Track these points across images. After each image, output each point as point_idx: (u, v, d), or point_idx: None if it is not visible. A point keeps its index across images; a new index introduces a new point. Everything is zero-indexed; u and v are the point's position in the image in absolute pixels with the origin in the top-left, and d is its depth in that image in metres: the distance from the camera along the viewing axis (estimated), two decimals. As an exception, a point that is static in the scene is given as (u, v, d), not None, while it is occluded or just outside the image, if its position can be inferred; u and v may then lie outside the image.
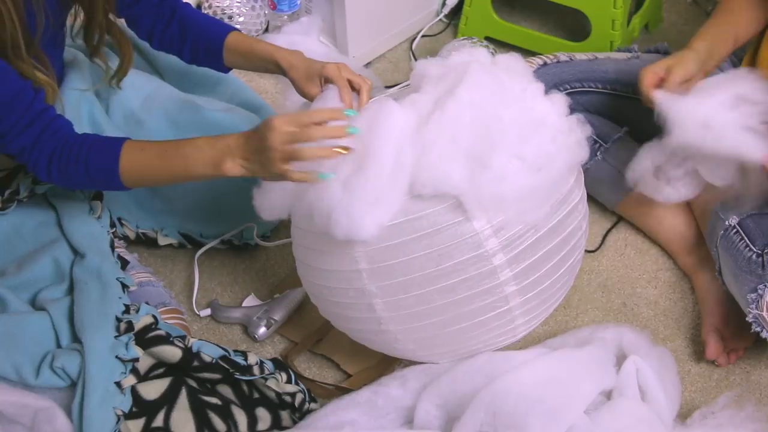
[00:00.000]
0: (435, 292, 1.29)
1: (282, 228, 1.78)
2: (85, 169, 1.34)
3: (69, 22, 1.53)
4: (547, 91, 1.36)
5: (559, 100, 1.34)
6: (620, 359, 1.44)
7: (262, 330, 1.61)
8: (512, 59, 1.40)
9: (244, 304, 1.68)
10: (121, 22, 1.59)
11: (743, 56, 1.70)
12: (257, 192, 1.37)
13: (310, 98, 1.42)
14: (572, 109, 1.73)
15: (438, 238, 1.27)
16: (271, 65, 1.51)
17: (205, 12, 2.22)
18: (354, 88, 1.38)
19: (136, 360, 1.35)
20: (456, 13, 2.33)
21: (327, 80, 1.40)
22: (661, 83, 1.51)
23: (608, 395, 1.40)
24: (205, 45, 1.56)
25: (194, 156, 1.31)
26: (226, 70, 1.60)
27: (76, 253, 1.48)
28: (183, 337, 1.39)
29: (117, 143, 1.35)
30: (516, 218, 1.28)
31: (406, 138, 1.26)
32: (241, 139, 1.29)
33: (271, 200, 1.35)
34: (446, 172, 1.24)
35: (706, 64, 1.55)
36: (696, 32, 1.60)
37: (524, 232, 1.29)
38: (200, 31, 1.57)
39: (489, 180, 1.24)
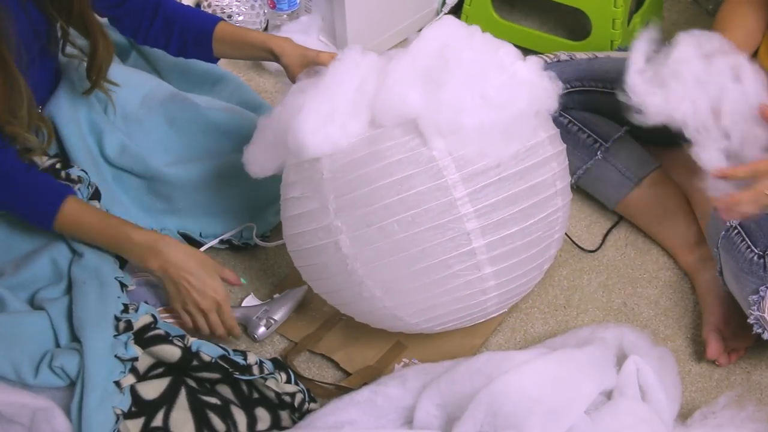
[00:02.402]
0: (395, 224, 1.31)
1: (282, 228, 1.77)
2: (25, 203, 1.41)
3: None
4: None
5: (534, 61, 1.39)
6: (621, 359, 1.44)
7: (262, 330, 1.61)
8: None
9: (243, 304, 1.68)
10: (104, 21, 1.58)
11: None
12: (246, 148, 1.43)
13: None
14: (572, 109, 1.75)
15: (399, 167, 1.30)
16: (264, 52, 1.52)
17: (205, 11, 2.21)
18: None
19: (136, 359, 1.35)
20: (456, 12, 2.33)
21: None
22: None
23: (609, 395, 1.40)
24: (194, 36, 1.56)
25: (128, 249, 1.45)
26: (215, 60, 1.62)
27: (74, 252, 1.48)
28: (182, 337, 1.39)
29: (57, 198, 1.41)
30: (478, 153, 1.30)
31: (372, 72, 1.33)
32: (163, 262, 1.44)
33: (259, 156, 1.41)
34: (403, 95, 1.30)
35: None
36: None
37: (487, 169, 1.31)
38: (187, 23, 1.57)
39: (446, 105, 1.28)
